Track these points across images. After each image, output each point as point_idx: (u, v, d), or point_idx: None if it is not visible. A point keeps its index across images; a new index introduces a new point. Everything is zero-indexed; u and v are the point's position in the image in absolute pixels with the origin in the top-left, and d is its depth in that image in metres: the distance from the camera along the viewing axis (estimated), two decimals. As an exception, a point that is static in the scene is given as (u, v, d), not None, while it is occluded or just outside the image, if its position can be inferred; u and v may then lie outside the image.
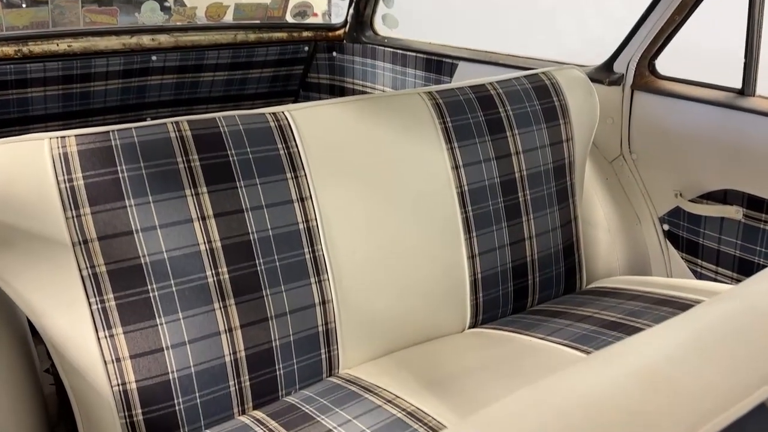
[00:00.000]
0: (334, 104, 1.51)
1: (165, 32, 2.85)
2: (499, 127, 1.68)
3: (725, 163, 1.78)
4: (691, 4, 1.78)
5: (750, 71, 1.72)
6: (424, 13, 3.67)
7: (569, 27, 3.87)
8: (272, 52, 3.04)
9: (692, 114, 1.82)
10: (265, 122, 1.42)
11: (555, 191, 1.79)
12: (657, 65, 1.94)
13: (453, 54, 2.56)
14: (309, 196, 1.41)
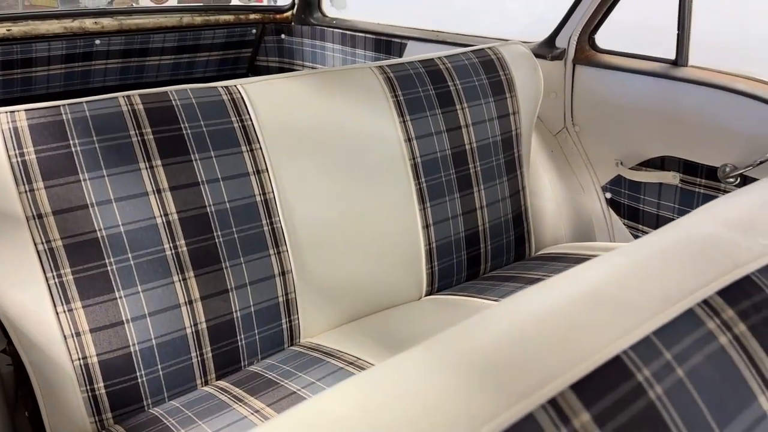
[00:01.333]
0: (287, 78, 1.53)
1: (108, 15, 2.79)
2: (449, 100, 1.73)
3: (662, 131, 1.88)
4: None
5: (682, 43, 1.82)
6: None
7: (516, 6, 3.97)
8: (219, 34, 3.01)
9: (630, 85, 1.92)
10: (217, 95, 1.42)
11: (503, 162, 1.86)
12: (596, 40, 2.02)
13: (402, 34, 2.59)
14: (265, 168, 1.43)
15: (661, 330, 0.52)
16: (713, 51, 1.86)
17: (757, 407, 0.52)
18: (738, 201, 0.77)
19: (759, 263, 0.62)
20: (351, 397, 0.44)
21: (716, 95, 1.74)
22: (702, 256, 0.63)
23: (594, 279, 0.59)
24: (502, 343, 0.49)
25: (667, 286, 0.57)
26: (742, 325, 0.56)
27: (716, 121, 1.74)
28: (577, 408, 0.44)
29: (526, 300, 0.56)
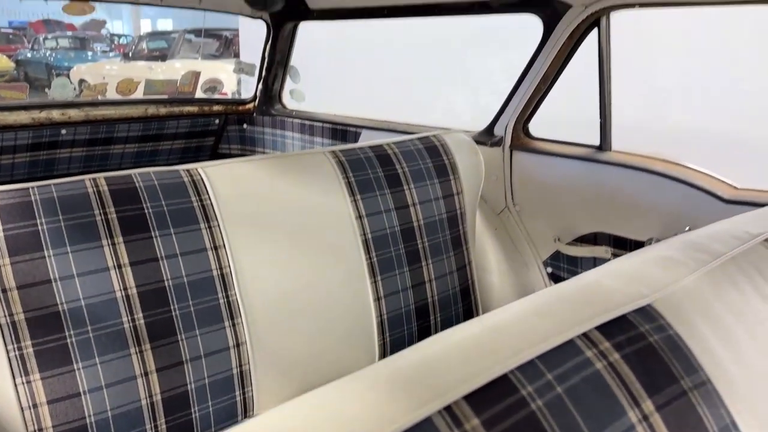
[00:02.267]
0: (246, 161, 1.65)
1: (75, 107, 2.92)
2: (397, 181, 1.87)
3: (593, 210, 2.05)
4: (552, 76, 2.09)
5: (605, 130, 2.03)
6: (329, 88, 3.94)
7: (462, 99, 4.27)
8: (183, 124, 3.16)
9: (562, 168, 2.10)
10: (179, 177, 1.53)
11: (450, 239, 1.99)
12: (530, 128, 2.23)
13: (356, 123, 2.79)
14: (222, 244, 1.52)
15: (544, 355, 0.63)
16: (634, 134, 2.07)
17: (626, 420, 0.62)
18: (628, 258, 0.91)
19: (634, 305, 0.75)
20: (290, 412, 0.53)
21: (637, 176, 1.93)
22: (588, 299, 0.75)
23: (498, 316, 0.71)
24: (413, 365, 0.59)
25: (554, 321, 0.68)
26: (616, 354, 0.67)
27: (639, 199, 1.93)
28: (469, 414, 0.54)
29: (441, 334, 0.67)
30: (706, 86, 3.40)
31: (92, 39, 16.34)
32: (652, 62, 3.47)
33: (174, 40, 11.43)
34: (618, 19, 1.94)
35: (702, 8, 1.79)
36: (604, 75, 1.97)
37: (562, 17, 1.97)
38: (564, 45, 2.01)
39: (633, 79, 3.36)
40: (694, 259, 0.90)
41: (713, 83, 3.37)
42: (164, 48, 12.01)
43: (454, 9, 2.30)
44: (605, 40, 1.94)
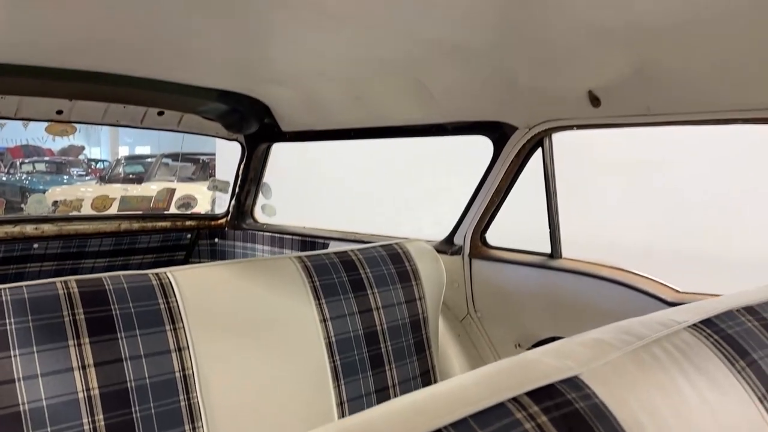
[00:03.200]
0: (213, 266, 1.73)
1: (49, 222, 2.99)
2: (361, 286, 1.95)
3: (549, 314, 2.14)
4: (504, 190, 2.26)
5: (555, 238, 2.17)
6: (300, 202, 4.11)
7: (425, 214, 4.49)
8: (155, 239, 3.24)
9: (518, 275, 2.22)
10: (147, 281, 1.59)
11: (413, 343, 2.04)
12: (487, 237, 2.36)
13: (325, 235, 2.90)
14: (186, 346, 1.56)
15: (477, 415, 0.69)
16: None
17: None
18: (563, 341, 0.99)
19: (563, 376, 0.82)
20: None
21: (587, 281, 2.04)
22: (520, 370, 0.82)
23: (439, 386, 0.77)
24: (365, 427, 0.66)
25: (488, 387, 0.75)
26: (544, 417, 0.74)
27: (590, 303, 2.03)
28: (403, 460, 0.59)
29: (392, 403, 0.74)
30: (652, 200, 3.65)
31: (69, 164, 16.69)
32: (602, 179, 3.75)
33: (151, 164, 11.76)
34: (570, 137, 2.13)
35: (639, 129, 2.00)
36: (550, 189, 2.15)
37: (510, 138, 2.17)
38: (512, 162, 2.19)
39: (583, 193, 3.61)
40: (621, 341, 0.99)
41: (659, 197, 3.63)
42: (141, 172, 12.30)
43: (414, 131, 2.50)
44: (549, 158, 2.13)
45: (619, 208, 3.74)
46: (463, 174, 2.67)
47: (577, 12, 1.51)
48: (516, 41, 1.76)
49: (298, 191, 5.01)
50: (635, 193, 3.68)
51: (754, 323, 1.18)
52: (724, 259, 3.14)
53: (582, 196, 3.54)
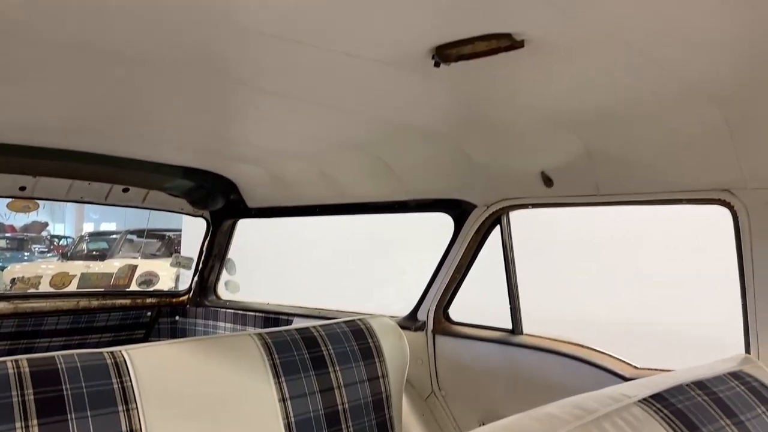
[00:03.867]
0: (171, 344, 1.70)
1: (5, 299, 2.91)
2: (322, 363, 1.93)
3: (511, 391, 2.13)
4: (465, 266, 2.30)
5: (516, 314, 2.20)
6: (264, 278, 4.09)
7: (391, 291, 4.50)
8: (114, 317, 3.16)
9: (480, 351, 2.22)
10: (101, 360, 1.56)
11: (375, 423, 2.00)
12: (450, 313, 2.38)
13: (289, 311, 2.88)
14: (139, 428, 1.51)
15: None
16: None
17: None
18: (516, 416, 1.00)
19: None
20: None
21: (548, 358, 2.06)
22: None
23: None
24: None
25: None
26: None
27: (550, 379, 2.03)
28: None
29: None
30: (611, 276, 3.74)
31: (31, 240, 16.33)
32: (563, 254, 3.84)
33: (115, 240, 11.57)
34: (532, 214, 2.19)
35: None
36: (509, 265, 2.19)
37: (469, 216, 2.24)
38: (472, 239, 2.25)
39: (544, 268, 3.68)
40: (572, 415, 1.00)
41: (617, 273, 3.72)
42: (105, 248, 12.07)
43: (378, 208, 2.56)
44: (507, 235, 2.19)
45: (585, 285, 3.81)
46: (427, 250, 2.71)
47: (532, 102, 1.61)
48: (474, 126, 1.85)
49: (263, 267, 5.00)
50: (600, 270, 3.77)
51: (704, 398, 1.21)
52: (683, 335, 3.20)
53: (549, 271, 3.62)
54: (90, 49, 1.35)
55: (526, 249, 2.33)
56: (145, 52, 1.37)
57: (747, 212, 1.67)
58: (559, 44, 1.23)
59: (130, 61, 1.42)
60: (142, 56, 1.39)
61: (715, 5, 1.09)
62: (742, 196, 1.67)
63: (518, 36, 1.19)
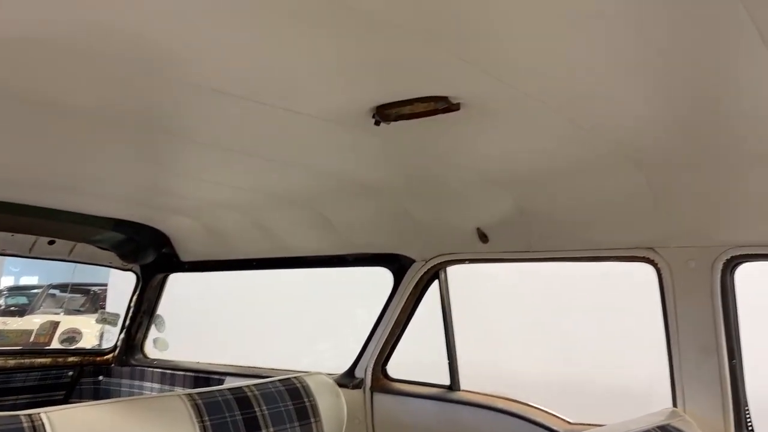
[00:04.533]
0: (93, 405, 1.60)
1: None
2: (256, 425, 1.86)
3: (449, 449, 2.11)
4: (403, 322, 2.30)
5: (453, 370, 2.20)
6: (195, 335, 3.94)
7: (327, 347, 4.42)
8: (32, 377, 2.96)
9: (419, 408, 2.20)
10: (18, 423, 1.44)
11: (310, 486, 1.93)
12: (388, 370, 2.35)
13: (220, 370, 2.77)
14: (55, 499, 1.40)
15: None
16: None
17: None
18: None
19: None
20: None
21: (484, 414, 2.06)
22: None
23: None
24: None
25: None
26: None
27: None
28: None
29: None
30: (544, 331, 3.81)
31: (-60, 296, 15.20)
32: (497, 309, 3.89)
33: (36, 295, 10.93)
34: (472, 270, 2.22)
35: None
36: (447, 320, 2.21)
37: (408, 270, 2.25)
38: (411, 294, 2.26)
39: (478, 324, 3.71)
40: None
41: (550, 329, 3.79)
42: (24, 304, 11.37)
43: (317, 262, 2.54)
44: (445, 290, 2.21)
45: (521, 340, 3.87)
46: (366, 305, 2.70)
47: (467, 161, 1.66)
48: (413, 182, 1.89)
49: (195, 323, 4.83)
50: (533, 325, 3.83)
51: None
52: (614, 390, 3.28)
53: (485, 326, 3.66)
54: (17, 98, 1.31)
55: (462, 303, 2.35)
56: (76, 102, 1.34)
57: (670, 270, 1.75)
58: (493, 108, 1.29)
59: (60, 111, 1.39)
60: (73, 106, 1.36)
61: (642, 83, 1.17)
62: (665, 254, 1.76)
63: (454, 99, 1.24)
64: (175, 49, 1.09)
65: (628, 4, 0.91)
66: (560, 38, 0.99)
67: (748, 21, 0.90)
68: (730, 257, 1.67)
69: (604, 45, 1.02)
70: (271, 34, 1.02)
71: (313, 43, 1.06)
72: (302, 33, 1.02)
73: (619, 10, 0.92)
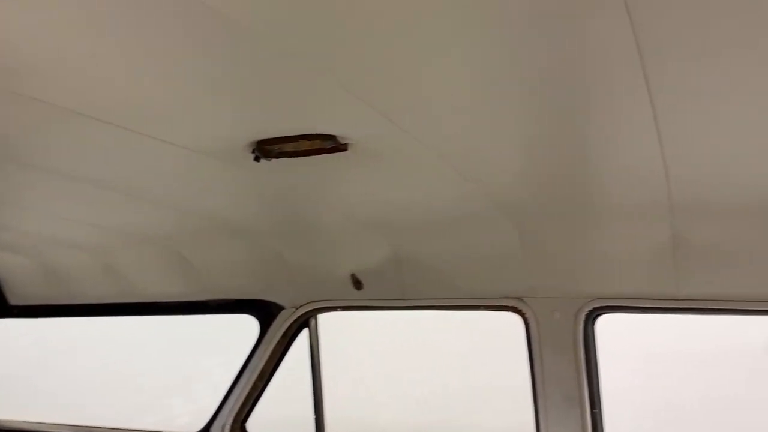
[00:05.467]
0: None
1: None
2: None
3: None
4: (269, 373, 2.15)
5: (320, 424, 2.08)
6: (24, 389, 3.44)
7: (181, 402, 4.07)
8: None
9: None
10: None
11: None
12: (248, 427, 2.18)
13: (51, 431, 2.42)
14: None
15: None
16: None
17: None
18: None
19: None
20: None
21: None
22: None
23: None
24: None
25: None
26: None
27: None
28: None
29: None
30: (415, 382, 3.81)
31: None
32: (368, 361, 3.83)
33: None
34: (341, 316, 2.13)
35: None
36: (316, 371, 2.10)
37: (276, 318, 2.12)
38: (278, 343, 2.12)
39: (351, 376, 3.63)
40: None
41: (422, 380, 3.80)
42: None
43: (174, 308, 2.32)
44: (315, 339, 2.11)
45: (385, 388, 3.82)
46: (226, 355, 2.51)
47: (349, 205, 1.60)
48: (289, 225, 1.79)
49: (23, 377, 4.25)
50: (399, 373, 3.81)
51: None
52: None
53: (351, 374, 3.57)
54: None
55: (333, 352, 2.26)
56: None
57: (537, 320, 1.80)
58: (380, 151, 1.25)
59: None
60: None
61: (521, 140, 1.19)
62: (532, 305, 1.80)
63: (343, 139, 1.18)
64: (26, 61, 0.92)
65: (512, 69, 0.91)
66: (449, 81, 0.97)
67: (618, 85, 0.94)
68: (593, 308, 1.75)
69: (489, 99, 1.02)
70: (140, 50, 0.89)
71: (189, 67, 0.94)
72: (177, 53, 0.90)
73: (504, 72, 0.92)
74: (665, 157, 1.18)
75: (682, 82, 0.90)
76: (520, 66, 0.91)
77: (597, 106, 1.03)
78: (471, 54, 0.88)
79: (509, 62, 0.89)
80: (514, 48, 0.85)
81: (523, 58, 0.88)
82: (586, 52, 0.86)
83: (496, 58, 0.88)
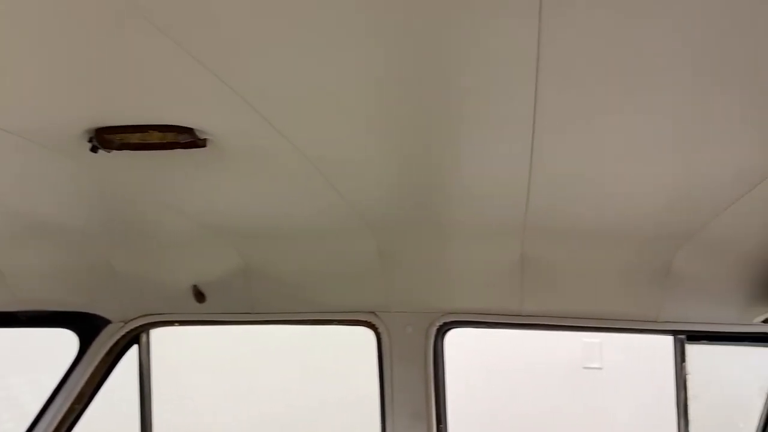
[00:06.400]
0: None
1: None
2: None
3: None
4: (88, 395, 1.89)
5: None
6: None
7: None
8: None
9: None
10: None
11: None
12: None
13: None
14: None
15: None
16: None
17: None
18: None
19: None
20: None
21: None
22: None
23: None
24: None
25: None
26: None
27: None
28: None
29: None
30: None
31: None
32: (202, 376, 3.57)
33: None
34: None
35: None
36: (145, 392, 1.89)
37: (100, 333, 1.88)
38: (102, 361, 1.88)
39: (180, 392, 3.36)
40: None
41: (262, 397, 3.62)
42: None
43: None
44: (146, 356, 1.90)
45: (221, 406, 3.59)
46: (35, 373, 2.18)
47: (197, 208, 1.46)
48: (123, 228, 1.58)
49: None
50: (241, 393, 3.60)
51: None
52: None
53: (184, 393, 3.30)
54: None
55: (163, 370, 2.05)
56: None
57: (389, 334, 1.78)
58: (244, 151, 1.13)
59: None
60: None
61: (384, 150, 1.14)
62: (386, 319, 1.78)
63: (202, 134, 1.05)
64: None
65: (395, 74, 0.86)
66: (334, 80, 0.88)
67: (505, 104, 0.92)
68: (443, 323, 1.76)
69: (370, 104, 0.96)
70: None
71: (9, 32, 0.75)
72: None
73: (390, 77, 0.86)
74: (531, 182, 1.20)
75: (568, 103, 0.90)
76: (402, 72, 0.85)
77: (479, 124, 1.00)
78: (355, 54, 0.80)
79: (397, 66, 0.83)
80: (401, 51, 0.79)
81: (406, 64, 0.83)
82: (475, 68, 0.82)
83: (380, 60, 0.82)
